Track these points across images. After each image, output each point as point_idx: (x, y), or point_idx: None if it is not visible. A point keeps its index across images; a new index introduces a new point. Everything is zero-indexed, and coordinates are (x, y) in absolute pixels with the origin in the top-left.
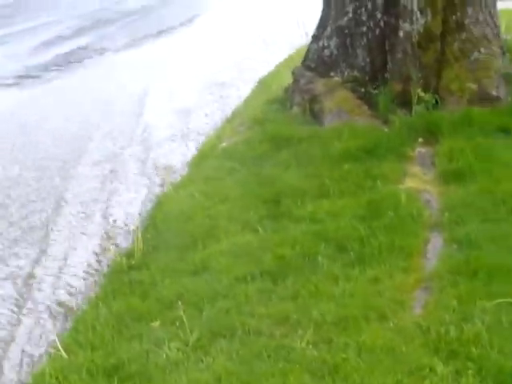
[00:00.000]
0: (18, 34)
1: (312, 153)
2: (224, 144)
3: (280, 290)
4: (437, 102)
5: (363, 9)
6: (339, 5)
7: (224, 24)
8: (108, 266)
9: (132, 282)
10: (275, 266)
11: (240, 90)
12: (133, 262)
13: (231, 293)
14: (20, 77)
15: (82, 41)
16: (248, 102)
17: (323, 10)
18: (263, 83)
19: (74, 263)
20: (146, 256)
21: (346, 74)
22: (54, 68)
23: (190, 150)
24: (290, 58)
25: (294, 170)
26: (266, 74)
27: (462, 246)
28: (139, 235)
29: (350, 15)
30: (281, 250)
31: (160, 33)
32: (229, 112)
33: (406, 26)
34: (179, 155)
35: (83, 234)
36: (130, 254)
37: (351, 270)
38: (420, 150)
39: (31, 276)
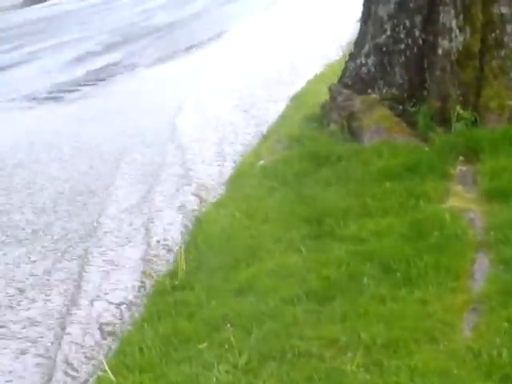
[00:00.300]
0: (49, 49)
1: (352, 171)
2: (262, 162)
3: (327, 311)
4: (476, 120)
5: (401, 27)
6: (377, 23)
7: (253, 39)
8: (151, 286)
9: (177, 302)
10: (321, 287)
11: (275, 106)
12: (176, 283)
13: (278, 314)
14: (52, 93)
15: (112, 57)
16: (283, 119)
17: (360, 28)
18: (297, 100)
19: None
20: (189, 276)
21: (383, 91)
22: (85, 84)
23: (227, 169)
24: (322, 75)
25: (335, 189)
26: (299, 90)
27: (509, 266)
28: (182, 255)
29: (388, 33)
30: (326, 270)
31: (189, 48)
32: (264, 129)
33: (445, 43)
34: (214, 173)
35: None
36: (172, 275)
37: (398, 291)
38: (461, 168)
39: None
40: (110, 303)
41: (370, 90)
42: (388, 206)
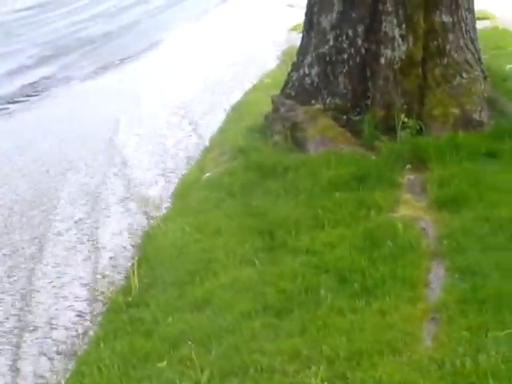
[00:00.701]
0: None
1: (300, 181)
2: (207, 174)
3: (286, 324)
4: (421, 128)
5: (344, 36)
6: (320, 33)
7: (189, 48)
8: (104, 303)
9: (132, 320)
10: (278, 301)
11: (215, 117)
12: (130, 300)
13: (237, 329)
14: None
15: (45, 70)
16: (225, 130)
17: (303, 39)
18: (237, 110)
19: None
20: (142, 293)
21: (327, 101)
22: (20, 99)
23: (171, 182)
24: (261, 84)
25: (284, 200)
26: (238, 100)
27: (465, 274)
28: (135, 271)
29: (331, 43)
30: (282, 283)
31: (124, 60)
32: (206, 141)
33: (388, 52)
34: (159, 186)
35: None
36: (125, 291)
37: (356, 303)
38: (409, 176)
39: None
40: (62, 322)
41: (313, 101)
42: (339, 217)
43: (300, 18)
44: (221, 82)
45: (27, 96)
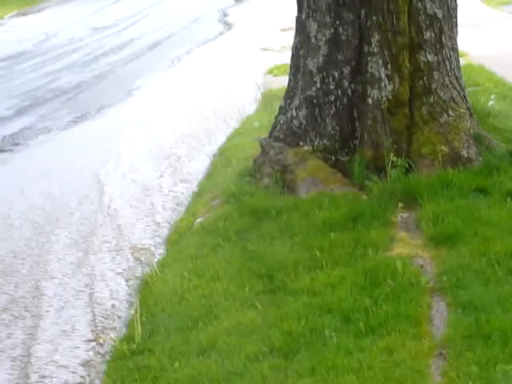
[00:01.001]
0: None
1: (295, 223)
2: (200, 220)
3: (295, 366)
4: (410, 166)
5: (330, 78)
6: (307, 76)
7: (164, 96)
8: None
9: (139, 367)
10: (284, 342)
11: (198, 163)
12: (134, 347)
13: (246, 372)
14: None
15: (24, 121)
16: (212, 175)
17: (289, 82)
18: (221, 155)
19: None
20: (146, 340)
21: (315, 143)
22: (3, 150)
23: (162, 230)
24: (242, 129)
25: (280, 243)
26: (220, 145)
27: (468, 309)
28: (137, 318)
29: (318, 85)
30: (286, 325)
31: (101, 109)
32: (192, 187)
33: (375, 92)
34: (150, 234)
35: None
36: (128, 339)
37: (362, 341)
38: (402, 214)
39: None
40: (68, 372)
41: (301, 143)
42: (337, 257)
43: (274, 61)
44: (201, 127)
45: (8, 147)
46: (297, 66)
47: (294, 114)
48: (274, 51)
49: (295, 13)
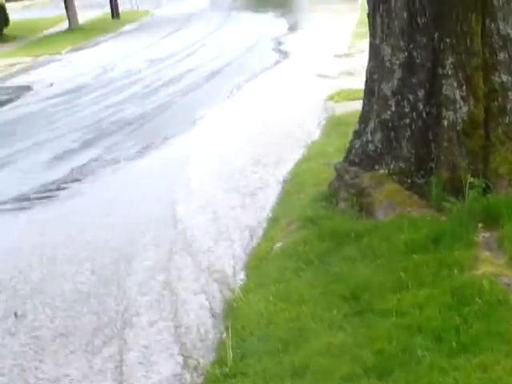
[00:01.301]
0: (24, 150)
1: (376, 246)
2: (279, 244)
3: None
4: (487, 186)
5: (405, 101)
6: (381, 100)
7: (228, 125)
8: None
9: None
10: (377, 362)
11: (269, 188)
12: (226, 370)
13: None
14: (40, 193)
15: (91, 153)
16: (285, 200)
17: (364, 106)
18: (292, 181)
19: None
20: (237, 363)
21: (391, 166)
22: (72, 182)
23: (240, 254)
24: (310, 154)
25: (363, 265)
26: (289, 171)
27: None
28: (229, 341)
29: (393, 108)
30: (377, 345)
31: (166, 139)
32: (265, 213)
33: (450, 114)
34: (228, 260)
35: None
36: (219, 362)
37: (456, 360)
38: (483, 235)
39: None
40: None
41: (377, 166)
42: (422, 278)
43: (332, 87)
44: (268, 154)
45: (78, 179)
46: (371, 91)
47: (370, 138)
48: (331, 78)
49: (349, 39)
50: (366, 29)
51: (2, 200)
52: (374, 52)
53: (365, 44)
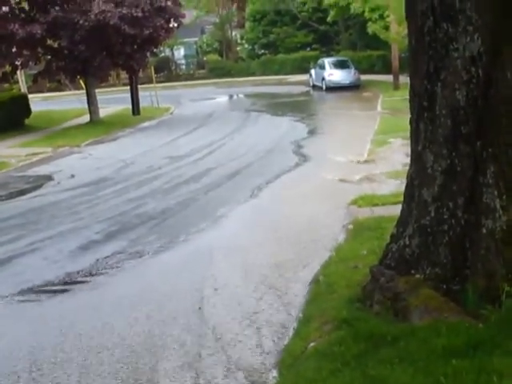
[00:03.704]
0: (49, 239)
1: (413, 350)
2: (313, 344)
3: None
4: None
5: (445, 208)
6: (421, 205)
7: (251, 222)
8: None
9: None
10: None
11: (295, 287)
12: None
13: None
14: (65, 283)
15: (116, 245)
16: (316, 301)
17: (403, 211)
18: (321, 282)
19: None
20: None
21: (427, 271)
22: (97, 273)
23: (271, 352)
24: (337, 256)
25: (401, 368)
26: (316, 272)
27: None
28: None
29: (432, 214)
30: None
31: (189, 235)
32: (294, 312)
33: (489, 223)
34: (259, 358)
35: None
36: None
37: None
38: None
39: None
40: None
41: (413, 271)
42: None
43: (354, 192)
44: (292, 255)
45: (102, 270)
46: (411, 196)
47: (407, 242)
48: (352, 183)
49: (368, 146)
50: (385, 136)
51: (27, 287)
52: (416, 158)
53: (384, 152)
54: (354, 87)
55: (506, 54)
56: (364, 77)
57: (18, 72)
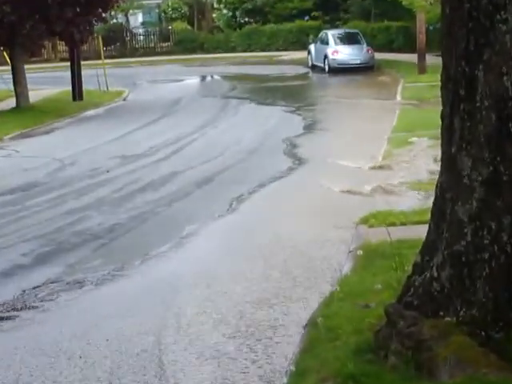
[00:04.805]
0: None
1: None
2: None
3: None
4: None
5: (485, 230)
6: (454, 225)
7: (228, 242)
8: None
9: None
10: None
11: (288, 334)
12: None
13: None
14: None
15: (48, 272)
16: (313, 350)
17: (430, 232)
18: (322, 325)
19: None
20: None
21: (461, 313)
22: (22, 308)
23: None
24: (342, 292)
25: None
26: (314, 311)
27: None
28: None
29: (469, 238)
30: None
31: (146, 259)
32: (287, 362)
33: None
34: None
35: None
36: None
37: None
38: None
39: None
40: None
41: (442, 312)
42: None
43: (365, 207)
44: (284, 289)
45: (32, 305)
46: (441, 213)
47: (435, 275)
48: (362, 195)
49: (384, 147)
50: (405, 134)
51: None
52: (449, 163)
53: (404, 155)
54: (365, 69)
55: None
56: (379, 55)
57: None
